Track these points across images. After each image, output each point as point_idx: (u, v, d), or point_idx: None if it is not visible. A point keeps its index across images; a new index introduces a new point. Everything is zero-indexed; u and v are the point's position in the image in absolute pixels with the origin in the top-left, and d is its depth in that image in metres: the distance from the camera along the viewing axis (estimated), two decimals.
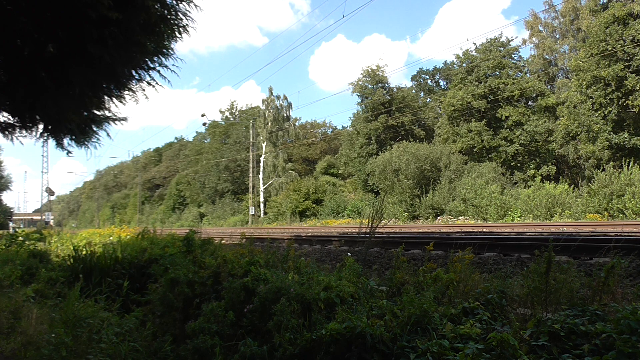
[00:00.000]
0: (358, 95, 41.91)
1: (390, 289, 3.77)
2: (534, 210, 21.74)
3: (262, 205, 44.60)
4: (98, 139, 5.84)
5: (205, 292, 4.42)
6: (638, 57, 22.89)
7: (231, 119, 58.72)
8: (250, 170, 43.31)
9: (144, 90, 5.30)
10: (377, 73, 40.07)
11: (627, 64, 23.39)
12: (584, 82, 25.37)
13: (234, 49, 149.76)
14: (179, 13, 4.77)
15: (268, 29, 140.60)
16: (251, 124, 45.29)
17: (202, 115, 40.61)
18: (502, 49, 32.40)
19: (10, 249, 10.03)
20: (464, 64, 33.67)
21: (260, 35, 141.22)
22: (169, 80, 5.18)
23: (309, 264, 4.79)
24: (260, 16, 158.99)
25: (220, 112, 63.18)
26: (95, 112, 5.56)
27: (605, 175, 20.21)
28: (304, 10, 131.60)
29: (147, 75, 5.07)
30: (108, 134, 6.04)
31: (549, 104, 32.33)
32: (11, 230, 20.90)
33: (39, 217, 60.56)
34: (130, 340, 4.08)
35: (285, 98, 50.10)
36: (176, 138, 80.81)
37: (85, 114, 5.44)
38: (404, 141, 34.08)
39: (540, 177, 26.60)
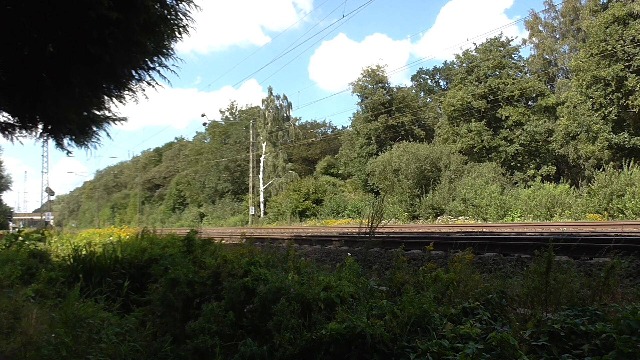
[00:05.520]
0: (358, 95, 41.96)
1: (390, 289, 3.77)
2: (534, 210, 21.74)
3: (262, 205, 44.61)
4: (98, 139, 5.85)
5: (205, 292, 4.41)
6: (638, 57, 22.88)
7: (231, 119, 58.73)
8: (250, 170, 43.31)
9: (144, 90, 5.31)
10: (377, 73, 40.09)
11: (627, 64, 23.38)
12: (584, 82, 25.37)
13: (236, 48, 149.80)
14: (179, 13, 4.77)
15: (270, 28, 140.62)
16: (251, 124, 45.29)
17: (202, 115, 40.67)
18: (502, 49, 32.40)
19: (10, 249, 10.02)
20: (464, 64, 33.68)
21: (263, 34, 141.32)
22: (168, 80, 5.19)
23: (309, 264, 4.78)
24: (263, 15, 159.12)
25: (220, 112, 63.26)
26: (95, 112, 5.57)
27: (605, 175, 20.20)
28: (306, 9, 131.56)
29: (147, 75, 5.08)
30: (108, 134, 6.07)
31: (549, 104, 32.34)
32: (11, 230, 20.90)
33: (39, 217, 60.52)
34: (130, 340, 4.08)
35: (285, 98, 50.21)
36: (176, 138, 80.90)
37: (85, 114, 5.45)
38: (404, 141, 34.09)
39: (540, 177, 26.60)
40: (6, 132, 5.37)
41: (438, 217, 26.77)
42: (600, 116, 24.96)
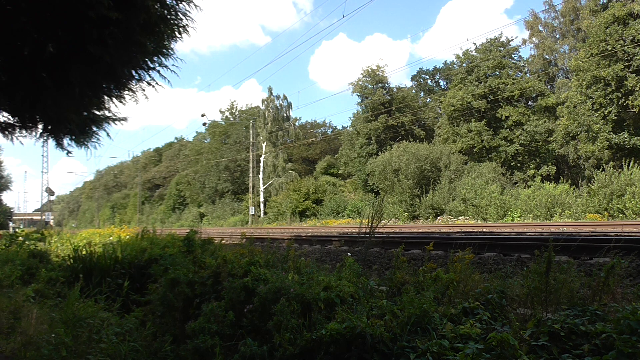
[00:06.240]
0: (358, 95, 41.98)
1: (390, 289, 3.77)
2: (534, 210, 21.74)
3: (262, 205, 44.60)
4: (98, 139, 5.85)
5: (205, 292, 4.42)
6: (638, 57, 22.88)
7: (231, 119, 58.72)
8: (250, 170, 43.31)
9: (144, 90, 5.30)
10: (377, 73, 40.09)
11: (627, 64, 23.38)
12: (584, 82, 25.37)
13: (236, 48, 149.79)
14: (179, 13, 4.77)
15: (271, 28, 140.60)
16: (251, 124, 45.29)
17: (202, 115, 40.66)
18: (502, 49, 32.40)
19: (10, 249, 10.02)
20: (464, 64, 33.68)
21: (263, 34, 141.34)
22: (168, 80, 5.19)
23: (309, 264, 4.78)
24: (263, 15, 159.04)
25: (220, 112, 63.26)
26: (95, 112, 5.56)
27: (605, 175, 20.21)
28: (306, 9, 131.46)
29: (147, 75, 5.07)
30: (108, 134, 6.06)
31: (549, 104, 32.33)
32: (11, 230, 20.89)
33: (39, 217, 60.50)
34: (130, 340, 4.08)
35: (285, 98, 50.23)
36: (176, 138, 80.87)
37: (85, 114, 5.44)
38: (404, 141, 34.09)
39: (540, 177, 26.61)
40: (6, 132, 5.37)
41: (438, 217, 26.77)
42: (600, 116, 24.96)
